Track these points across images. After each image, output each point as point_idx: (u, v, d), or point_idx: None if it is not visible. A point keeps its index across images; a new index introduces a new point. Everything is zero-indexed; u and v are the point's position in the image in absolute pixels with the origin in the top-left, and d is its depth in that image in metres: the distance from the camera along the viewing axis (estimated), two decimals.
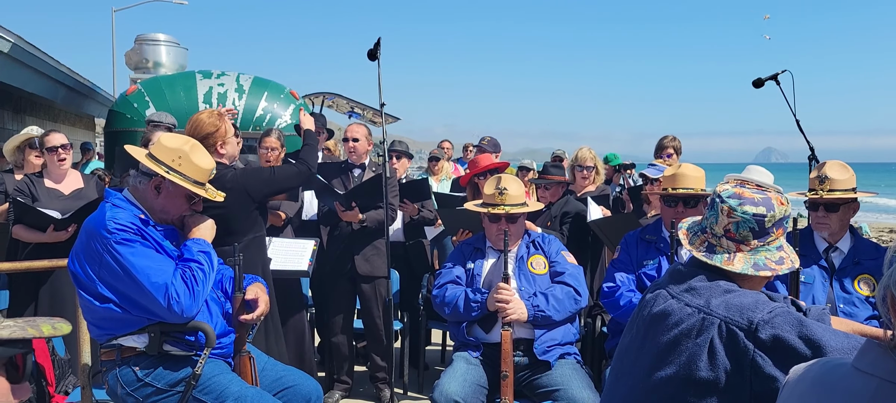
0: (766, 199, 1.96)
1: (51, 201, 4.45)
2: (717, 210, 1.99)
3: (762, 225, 1.93)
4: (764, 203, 1.95)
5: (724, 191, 2.00)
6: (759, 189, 2.00)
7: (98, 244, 2.66)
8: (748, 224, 1.93)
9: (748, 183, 2.04)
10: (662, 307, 1.92)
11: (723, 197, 1.99)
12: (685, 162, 4.12)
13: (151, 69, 16.47)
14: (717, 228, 1.98)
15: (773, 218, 1.94)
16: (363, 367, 5.25)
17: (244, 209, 3.60)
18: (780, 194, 1.99)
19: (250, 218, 3.66)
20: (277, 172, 3.75)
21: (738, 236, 1.95)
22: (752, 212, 1.93)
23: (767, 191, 1.99)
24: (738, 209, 1.94)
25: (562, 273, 3.63)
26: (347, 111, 13.54)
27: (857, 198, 3.29)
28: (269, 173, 3.74)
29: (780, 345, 1.68)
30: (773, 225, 1.95)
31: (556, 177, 5.24)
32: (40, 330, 1.50)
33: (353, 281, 4.69)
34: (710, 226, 2.00)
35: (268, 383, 3.00)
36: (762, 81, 4.18)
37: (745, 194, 1.97)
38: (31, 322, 1.52)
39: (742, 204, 1.95)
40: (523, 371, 3.45)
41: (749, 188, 2.00)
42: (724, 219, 1.96)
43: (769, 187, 2.02)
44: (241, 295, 2.95)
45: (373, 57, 4.12)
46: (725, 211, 1.96)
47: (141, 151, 2.92)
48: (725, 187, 2.02)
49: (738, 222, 1.94)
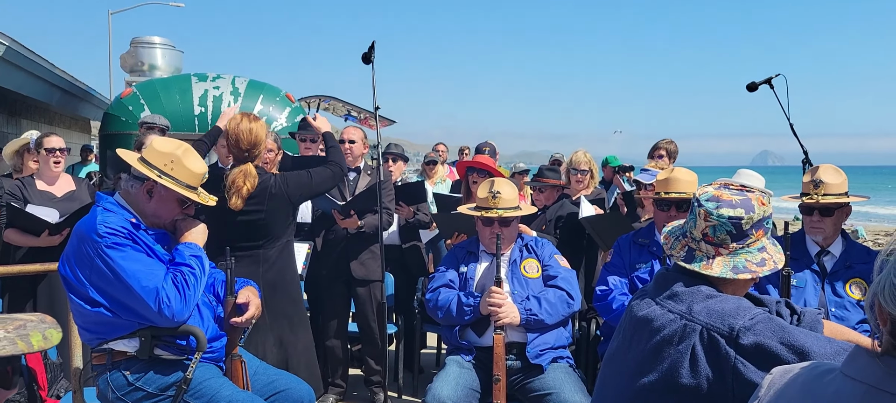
0: (745, 201, 1.93)
1: (43, 203, 4.44)
2: (695, 213, 1.97)
3: (740, 227, 1.91)
4: (742, 205, 1.92)
5: (703, 194, 1.98)
6: (741, 190, 1.97)
7: (89, 248, 2.65)
8: (725, 227, 1.91)
9: (731, 184, 2.01)
10: (645, 312, 1.91)
11: (701, 200, 1.96)
12: (681, 165, 4.13)
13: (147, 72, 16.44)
14: (696, 232, 1.96)
15: (751, 220, 1.91)
16: (358, 370, 5.24)
17: (285, 214, 3.69)
18: (761, 195, 1.96)
19: (286, 224, 3.75)
20: (314, 175, 3.78)
21: (716, 239, 1.92)
22: (728, 215, 1.91)
23: (748, 192, 1.96)
24: (714, 212, 1.92)
25: (555, 276, 3.62)
26: (344, 114, 13.54)
27: (850, 203, 3.30)
28: (307, 177, 3.77)
29: (761, 352, 1.67)
30: (751, 227, 1.92)
31: (551, 180, 5.24)
32: (30, 344, 1.50)
33: (348, 285, 4.69)
34: (690, 231, 1.98)
35: (259, 387, 3.00)
36: (756, 85, 4.19)
37: (723, 197, 1.94)
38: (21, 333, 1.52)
39: (719, 208, 1.92)
40: (516, 374, 3.45)
41: (729, 190, 1.97)
42: (702, 223, 1.94)
43: (752, 188, 1.99)
44: (232, 299, 2.94)
45: (367, 61, 4.12)
46: (703, 214, 1.94)
47: (133, 155, 2.92)
48: (705, 190, 2.00)
49: (714, 226, 1.92)
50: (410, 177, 9.25)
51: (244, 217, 3.54)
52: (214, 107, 7.89)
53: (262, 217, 3.58)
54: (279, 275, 3.69)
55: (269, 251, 3.66)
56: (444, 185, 7.68)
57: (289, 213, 3.75)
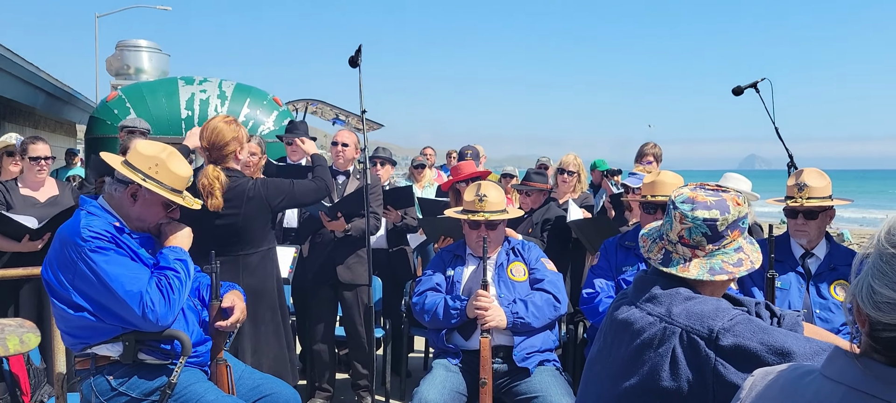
0: (720, 201, 1.93)
1: (26, 209, 4.40)
2: (671, 216, 1.97)
3: (715, 229, 1.91)
4: (717, 206, 1.92)
5: (679, 196, 1.98)
6: (716, 191, 1.97)
7: (72, 252, 2.63)
8: (700, 229, 1.91)
9: (707, 185, 2.01)
10: (625, 315, 1.91)
11: (676, 202, 1.96)
12: (667, 169, 4.15)
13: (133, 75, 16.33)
14: (672, 235, 1.96)
15: (726, 221, 1.91)
16: (345, 375, 5.23)
17: (261, 219, 3.65)
18: (736, 195, 1.96)
19: (266, 230, 3.71)
20: (297, 185, 3.77)
21: (692, 241, 1.92)
22: (703, 217, 1.90)
23: (723, 192, 1.96)
24: (689, 214, 1.92)
25: (541, 280, 3.63)
26: (332, 118, 13.51)
27: (833, 206, 3.33)
28: (289, 185, 3.76)
29: (741, 353, 1.66)
30: (726, 228, 1.92)
31: (537, 183, 5.25)
32: (7, 348, 1.49)
33: (334, 289, 4.68)
34: (666, 233, 1.98)
35: (244, 391, 2.98)
36: (742, 89, 4.21)
37: (698, 198, 1.94)
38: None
39: (694, 209, 1.92)
40: (502, 378, 3.45)
41: (704, 191, 1.97)
42: (678, 225, 1.94)
43: (728, 189, 1.99)
44: (217, 303, 2.92)
45: (354, 64, 4.11)
46: (678, 217, 1.94)
47: (117, 159, 2.89)
48: (680, 192, 1.99)
49: (690, 228, 1.92)
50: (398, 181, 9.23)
51: (221, 220, 3.50)
52: (201, 110, 7.86)
53: (239, 220, 3.53)
54: (260, 283, 3.64)
55: (249, 257, 3.63)
56: (431, 189, 7.68)
57: (267, 219, 3.70)
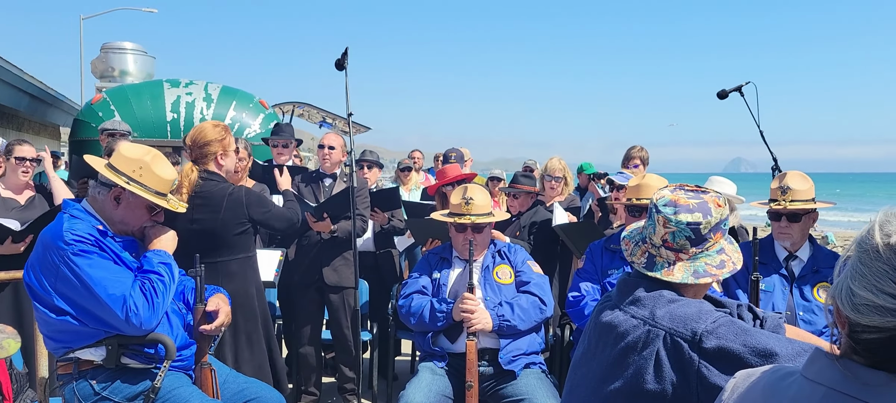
0: (702, 204, 1.93)
1: (6, 211, 4.36)
2: (654, 220, 1.96)
3: (698, 232, 1.91)
4: (699, 208, 1.92)
5: (661, 199, 1.97)
6: (696, 192, 1.97)
7: (55, 255, 2.60)
8: (684, 233, 1.91)
9: (687, 186, 2.01)
10: (609, 318, 1.91)
11: (658, 206, 1.96)
12: (655, 172, 4.17)
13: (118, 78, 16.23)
14: (655, 238, 1.95)
15: (708, 224, 1.91)
16: (331, 378, 5.21)
17: (238, 223, 3.61)
18: (716, 196, 1.96)
19: (244, 236, 3.68)
20: (274, 208, 3.80)
21: (676, 245, 1.92)
22: (686, 221, 1.90)
23: (704, 193, 1.97)
24: (673, 218, 1.91)
25: (527, 282, 3.63)
26: (319, 121, 13.48)
27: (816, 209, 3.36)
28: (270, 203, 3.81)
29: (724, 355, 1.67)
30: (709, 231, 1.92)
31: (525, 186, 5.27)
32: None
33: (320, 292, 4.66)
34: (649, 236, 1.98)
35: (229, 395, 2.96)
36: (726, 93, 4.24)
37: (680, 201, 1.94)
38: None
39: (677, 213, 1.92)
40: (488, 380, 3.45)
41: (685, 192, 1.97)
42: (661, 229, 1.94)
43: (707, 189, 1.99)
44: (202, 307, 2.91)
45: (340, 66, 4.11)
46: (661, 221, 1.93)
47: (100, 161, 2.87)
48: (662, 194, 1.99)
49: (674, 232, 1.91)
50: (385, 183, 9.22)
51: (198, 225, 3.47)
52: (187, 113, 7.82)
53: (217, 225, 3.50)
54: (240, 289, 3.60)
55: (229, 264, 3.59)
56: (417, 192, 7.68)
57: (246, 227, 3.65)
